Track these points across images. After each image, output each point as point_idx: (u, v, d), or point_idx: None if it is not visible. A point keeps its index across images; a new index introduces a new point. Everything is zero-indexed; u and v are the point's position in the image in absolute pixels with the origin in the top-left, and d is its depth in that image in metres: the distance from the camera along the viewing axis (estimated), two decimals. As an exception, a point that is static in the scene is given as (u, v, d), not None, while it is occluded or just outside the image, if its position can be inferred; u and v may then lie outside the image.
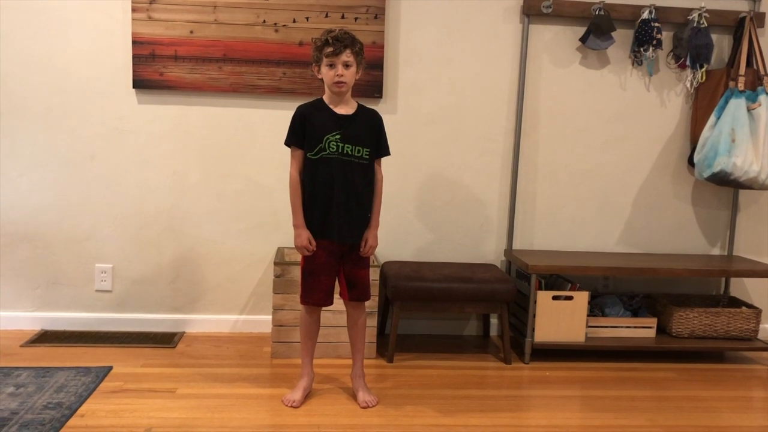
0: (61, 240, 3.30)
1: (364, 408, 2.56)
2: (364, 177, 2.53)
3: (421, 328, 3.50)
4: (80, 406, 2.46)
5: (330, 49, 2.41)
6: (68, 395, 2.54)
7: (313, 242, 2.51)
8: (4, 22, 3.15)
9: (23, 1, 3.14)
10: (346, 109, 2.53)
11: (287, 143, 2.54)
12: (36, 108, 3.21)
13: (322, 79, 2.50)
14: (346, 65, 2.44)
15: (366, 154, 2.52)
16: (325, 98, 2.54)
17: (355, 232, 2.54)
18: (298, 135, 2.51)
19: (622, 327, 3.25)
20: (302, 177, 2.52)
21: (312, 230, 2.52)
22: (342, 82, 2.44)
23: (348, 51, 2.43)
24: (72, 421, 2.34)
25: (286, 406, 2.55)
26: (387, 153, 2.62)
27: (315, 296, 2.56)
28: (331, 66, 2.44)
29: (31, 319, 3.32)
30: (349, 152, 2.48)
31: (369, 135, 2.54)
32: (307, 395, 2.63)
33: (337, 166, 2.48)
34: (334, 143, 2.47)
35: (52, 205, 3.28)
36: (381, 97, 3.30)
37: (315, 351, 2.70)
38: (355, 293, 2.60)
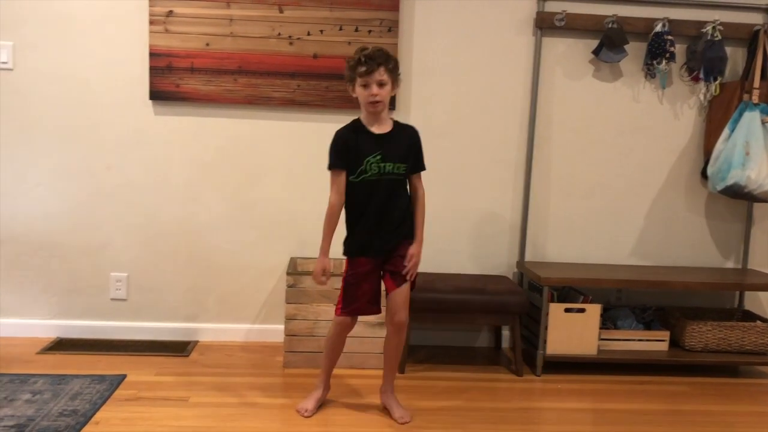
0: (77, 249, 3.34)
1: (402, 424, 2.53)
2: (402, 191, 2.54)
3: (432, 339, 3.50)
4: (95, 413, 2.49)
5: (363, 69, 2.37)
6: (83, 403, 2.57)
7: (329, 273, 2.51)
8: (23, 35, 3.20)
9: (42, 15, 3.20)
10: (383, 127, 2.49)
11: (331, 167, 2.48)
12: (54, 119, 3.27)
13: (357, 98, 2.46)
14: (381, 84, 2.39)
15: (403, 169, 2.50)
16: (362, 118, 2.51)
17: (393, 240, 2.53)
18: (343, 158, 2.46)
19: (634, 340, 3.24)
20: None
21: (354, 248, 2.52)
22: (377, 102, 2.41)
23: (382, 69, 2.38)
24: (87, 429, 2.37)
25: (299, 414, 2.57)
26: (423, 168, 2.58)
27: (356, 305, 2.54)
28: (365, 86, 2.40)
29: (47, 327, 3.36)
30: (389, 170, 2.47)
31: (407, 152, 2.51)
32: (320, 406, 2.64)
33: (377, 186, 2.47)
34: (375, 164, 2.45)
35: (69, 215, 3.32)
36: (394, 108, 3.32)
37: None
38: (399, 279, 2.53)
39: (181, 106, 3.29)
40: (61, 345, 3.25)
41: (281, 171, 3.36)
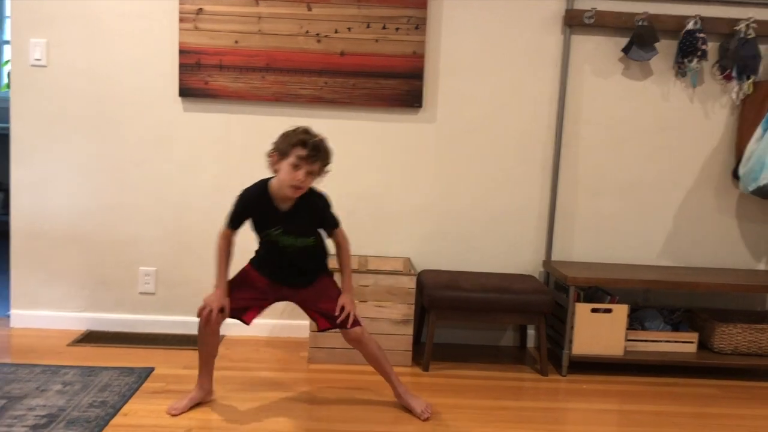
0: (107, 243, 3.39)
1: (425, 420, 2.53)
2: (312, 252, 2.54)
3: (457, 337, 3.50)
4: (123, 405, 2.53)
5: (304, 153, 2.31)
6: (112, 394, 2.61)
7: (226, 313, 2.50)
8: (55, 32, 3.26)
9: (74, 12, 3.25)
10: (288, 202, 2.43)
11: (226, 223, 2.49)
12: (85, 115, 3.32)
13: (275, 171, 2.39)
14: (310, 174, 2.35)
15: (311, 241, 2.51)
16: (272, 186, 2.43)
17: (298, 284, 2.57)
18: (237, 222, 2.48)
19: (662, 341, 3.20)
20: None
21: (256, 262, 2.57)
22: (299, 188, 2.35)
23: (319, 164, 2.36)
24: (116, 420, 2.41)
25: (168, 413, 2.49)
26: (336, 225, 2.54)
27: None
28: (296, 167, 2.32)
29: (77, 320, 3.42)
30: (292, 243, 2.47)
31: (311, 223, 2.50)
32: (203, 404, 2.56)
33: (284, 249, 2.47)
34: (276, 236, 2.45)
35: (99, 209, 3.38)
36: (421, 106, 3.32)
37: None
38: (334, 322, 2.54)
39: (209, 102, 3.33)
40: (91, 337, 3.31)
41: (308, 168, 3.37)
